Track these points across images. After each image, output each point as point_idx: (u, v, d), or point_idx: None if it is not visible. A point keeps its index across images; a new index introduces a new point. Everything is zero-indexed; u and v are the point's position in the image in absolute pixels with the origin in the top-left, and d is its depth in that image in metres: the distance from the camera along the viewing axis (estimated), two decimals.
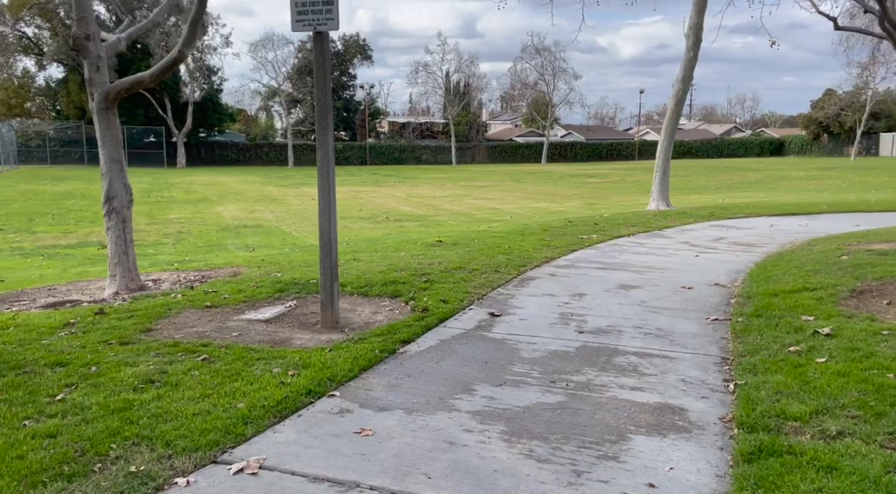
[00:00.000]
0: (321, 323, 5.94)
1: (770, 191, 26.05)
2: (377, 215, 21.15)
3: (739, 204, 17.23)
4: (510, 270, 8.13)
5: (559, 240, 10.55)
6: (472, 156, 65.66)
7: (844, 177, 34.51)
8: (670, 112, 15.93)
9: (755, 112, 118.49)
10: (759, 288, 6.67)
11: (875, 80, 58.80)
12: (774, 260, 8.35)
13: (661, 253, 9.49)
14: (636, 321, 5.90)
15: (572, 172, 45.85)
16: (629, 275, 7.88)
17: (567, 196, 28.20)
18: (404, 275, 7.71)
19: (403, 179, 40.76)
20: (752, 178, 36.29)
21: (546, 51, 64.98)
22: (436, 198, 28.24)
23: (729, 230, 11.77)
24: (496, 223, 17.16)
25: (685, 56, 15.38)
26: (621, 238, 10.95)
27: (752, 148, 75.44)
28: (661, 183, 15.99)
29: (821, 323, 5.26)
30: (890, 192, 22.61)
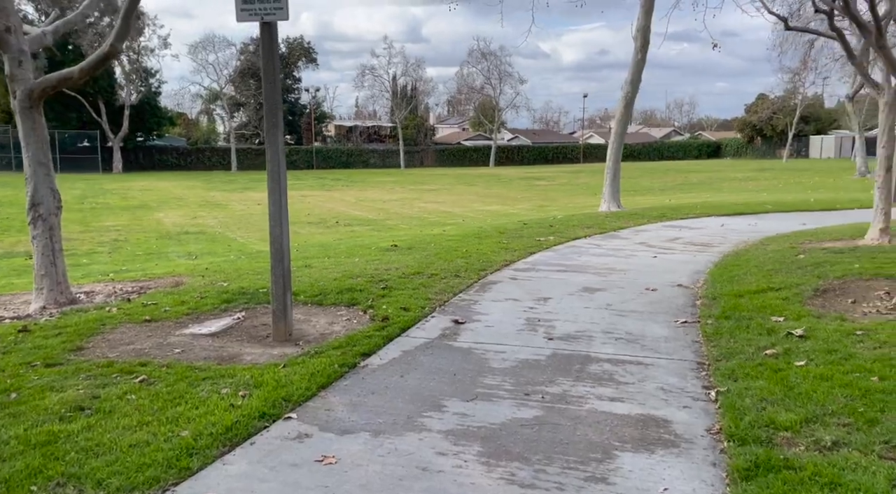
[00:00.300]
0: (273, 336, 5.52)
1: (714, 192, 26.66)
2: (327, 219, 20.59)
3: (688, 204, 17.48)
4: (470, 274, 7.85)
5: (517, 243, 10.35)
6: (420, 159, 65.37)
7: (780, 178, 35.73)
8: (619, 114, 16.00)
9: (692, 116, 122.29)
10: (723, 289, 6.58)
11: (805, 85, 61.42)
12: (732, 260, 8.34)
13: (619, 254, 9.39)
14: (605, 325, 5.70)
15: (521, 175, 46.10)
16: (591, 278, 7.71)
17: (517, 198, 28.20)
18: (361, 282, 7.33)
19: (352, 183, 40.15)
20: (694, 180, 37.19)
21: (492, 55, 65.36)
22: (386, 201, 27.81)
23: (682, 230, 11.82)
24: (450, 226, 16.89)
25: (633, 58, 15.48)
26: (578, 240, 10.83)
27: (691, 150, 77.67)
28: (611, 184, 16.04)
29: (792, 323, 5.16)
30: (824, 192, 23.41)
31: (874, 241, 8.20)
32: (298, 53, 64.04)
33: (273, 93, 5.45)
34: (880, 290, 5.94)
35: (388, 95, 65.91)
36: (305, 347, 5.20)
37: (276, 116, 5.49)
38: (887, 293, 5.77)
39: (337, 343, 5.21)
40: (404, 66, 65.75)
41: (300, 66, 64.93)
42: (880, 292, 5.85)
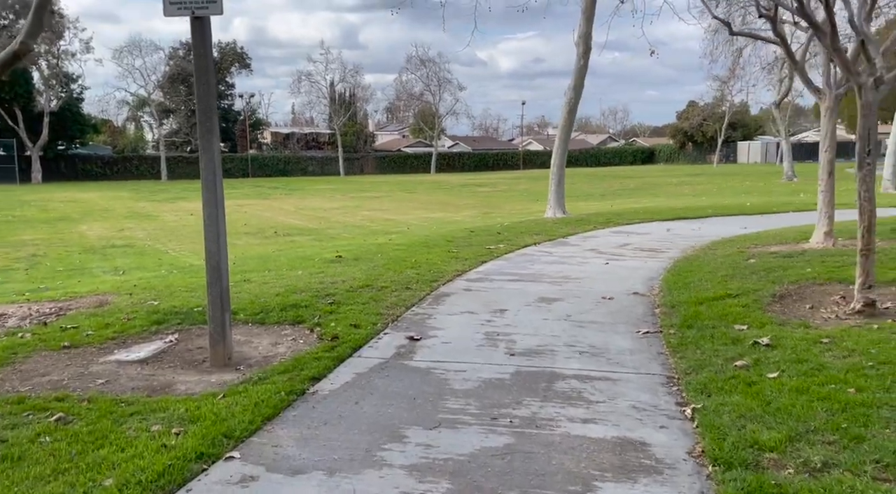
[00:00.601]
0: (211, 361, 5.04)
1: (653, 197, 27.20)
2: (265, 229, 19.85)
3: (631, 209, 17.66)
4: (422, 286, 7.51)
5: (467, 252, 10.08)
6: (360, 166, 64.62)
7: (713, 182, 36.90)
8: (563, 120, 16.02)
9: (626, 123, 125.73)
10: (681, 297, 6.47)
11: (732, 92, 64.02)
12: (684, 266, 8.30)
13: (571, 261, 9.24)
14: (566, 338, 5.46)
15: (462, 182, 46.10)
16: (547, 287, 7.49)
17: (461, 205, 28.04)
18: (306, 297, 6.88)
19: (291, 191, 39.18)
20: (631, 185, 37.99)
21: (430, 62, 65.30)
22: (327, 210, 27.16)
23: (630, 236, 11.82)
24: (395, 234, 16.51)
25: (576, 64, 15.53)
26: (528, 247, 10.65)
27: (626, 156, 79.68)
28: (556, 190, 16.02)
29: (756, 332, 5.05)
30: (757, 196, 24.20)
31: (819, 245, 8.32)
32: (231, 59, 62.34)
33: (207, 96, 4.99)
34: (835, 295, 5.93)
35: (326, 102, 64.95)
36: (247, 372, 4.75)
37: (210, 120, 5.02)
38: (843, 297, 5.76)
39: (282, 366, 4.78)
40: (342, 72, 64.96)
41: (233, 72, 63.24)
42: (836, 297, 5.84)
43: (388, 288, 7.41)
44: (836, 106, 8.26)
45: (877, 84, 4.96)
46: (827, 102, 8.32)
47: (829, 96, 8.30)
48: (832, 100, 8.25)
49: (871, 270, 5.24)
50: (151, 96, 57.18)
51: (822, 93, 8.36)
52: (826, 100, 8.32)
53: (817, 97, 8.42)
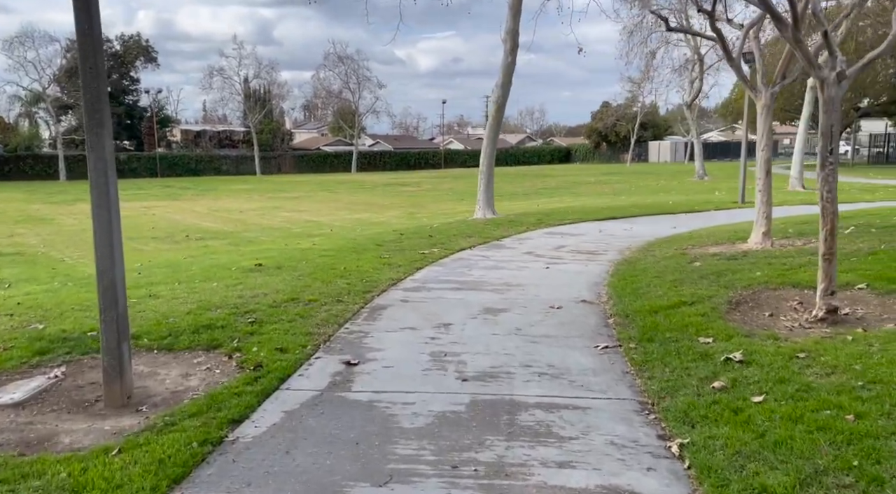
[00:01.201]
0: (106, 401, 4.20)
1: (575, 196, 27.40)
2: (175, 233, 18.47)
3: (560, 209, 17.51)
4: (355, 298, 6.82)
5: (399, 257, 9.43)
6: (277, 165, 62.49)
7: (629, 181, 37.77)
8: (492, 118, 15.63)
9: (542, 123, 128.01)
10: (633, 305, 6.09)
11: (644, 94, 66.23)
12: (627, 270, 7.98)
13: (510, 266, 8.77)
14: (521, 356, 4.94)
15: (385, 181, 45.29)
16: (490, 296, 6.97)
17: (385, 205, 27.31)
18: (222, 315, 6.06)
19: (203, 192, 37.21)
20: (552, 184, 38.36)
21: (349, 59, 63.91)
22: (243, 211, 25.79)
23: (565, 237, 11.52)
24: (318, 238, 15.63)
25: (504, 61, 15.16)
26: (464, 251, 10.12)
27: (544, 156, 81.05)
28: (486, 190, 15.62)
29: (723, 345, 4.69)
30: (675, 195, 24.76)
31: (758, 245, 8.24)
32: (136, 52, 58.84)
33: (95, 82, 4.13)
34: (791, 300, 5.71)
35: (240, 99, 62.39)
36: (151, 415, 3.95)
37: (100, 112, 4.17)
38: (800, 303, 5.53)
39: (195, 406, 4.00)
40: (256, 68, 62.52)
41: (138, 66, 59.74)
42: (792, 302, 5.61)
43: (317, 301, 6.68)
44: (772, 103, 8.19)
45: (839, 78, 4.73)
46: (763, 100, 8.23)
47: (764, 94, 8.21)
48: (768, 98, 8.18)
49: (834, 275, 5.01)
50: (47, 91, 53.07)
51: (758, 90, 8.27)
52: (762, 97, 8.23)
53: (753, 95, 8.33)
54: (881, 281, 5.87)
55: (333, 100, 69.19)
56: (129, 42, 58.64)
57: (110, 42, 58.68)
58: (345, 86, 65.26)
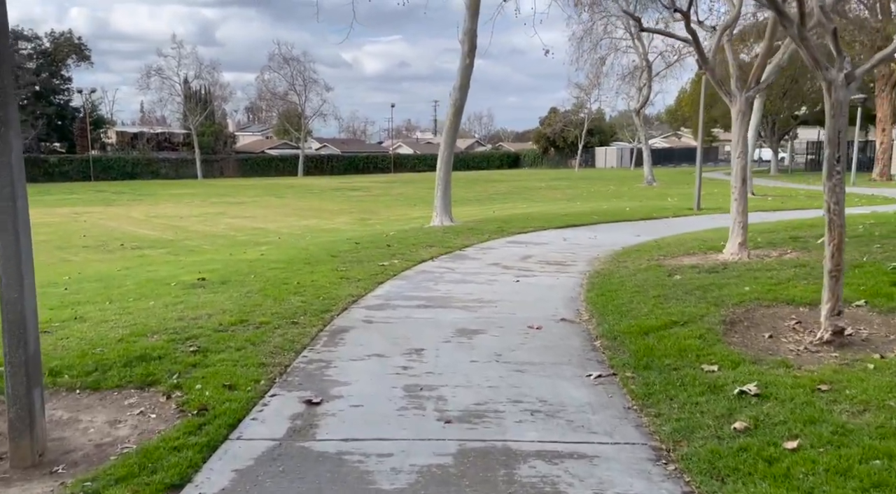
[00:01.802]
0: (11, 461, 3.43)
1: (530, 202, 27.16)
2: (109, 242, 17.26)
3: (518, 216, 17.11)
4: (313, 319, 6.13)
5: (357, 270, 8.76)
6: (220, 169, 60.50)
7: (580, 187, 37.93)
8: (449, 122, 15.10)
9: (491, 128, 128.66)
10: (619, 325, 5.61)
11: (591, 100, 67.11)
12: (603, 283, 7.54)
13: (478, 279, 8.22)
14: (507, 389, 4.37)
15: (334, 186, 44.26)
16: (462, 315, 6.39)
17: (335, 211, 26.45)
18: (160, 343, 5.29)
19: (140, 196, 35.47)
20: (504, 189, 38.17)
21: (294, 61, 62.50)
22: (183, 217, 24.53)
23: (529, 247, 11.05)
24: (266, 246, 14.77)
25: (461, 63, 14.66)
26: (426, 262, 9.52)
27: (493, 161, 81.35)
28: (443, 196, 15.07)
29: (731, 374, 4.24)
30: (629, 200, 24.79)
31: (734, 256, 7.93)
32: (67, 50, 56.00)
33: None
34: (788, 319, 5.34)
35: (180, 99, 60.14)
36: (68, 481, 3.21)
37: (5, 108, 3.41)
38: (798, 323, 5.17)
39: (124, 466, 3.28)
40: (197, 68, 60.39)
41: (70, 65, 56.86)
42: (790, 322, 5.24)
43: (270, 323, 5.96)
44: (748, 109, 7.92)
45: (847, 80, 4.38)
46: (738, 105, 7.95)
47: (739, 99, 7.94)
48: (743, 103, 7.90)
49: (840, 294, 4.65)
50: None
51: (733, 95, 7.98)
52: (737, 103, 7.95)
53: (728, 100, 8.05)
54: (880, 298, 5.58)
55: (279, 103, 67.58)
56: (60, 39, 55.80)
57: (39, 39, 55.71)
58: (290, 89, 63.84)
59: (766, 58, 7.72)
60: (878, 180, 33.96)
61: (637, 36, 35.95)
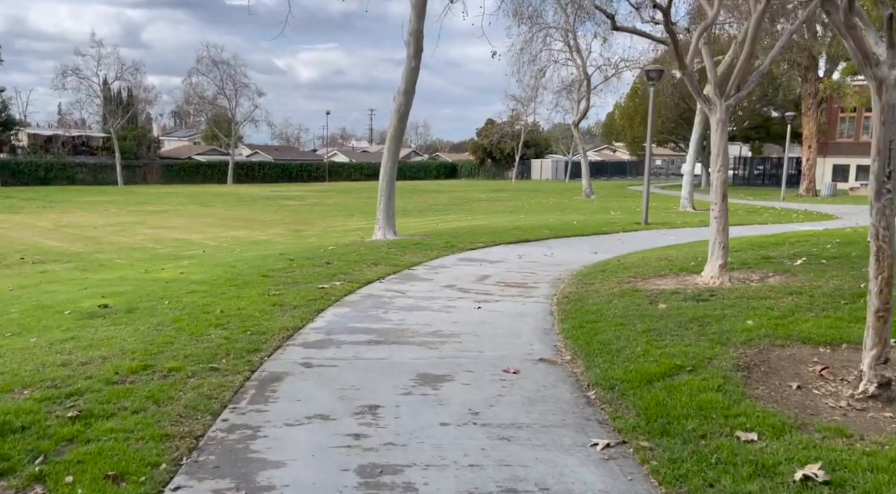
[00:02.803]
0: None
1: (471, 214, 26.36)
2: (8, 255, 15.31)
3: (464, 229, 16.16)
4: (237, 363, 4.93)
5: (293, 294, 7.56)
6: (143, 175, 57.16)
7: (519, 199, 37.53)
8: (393, 128, 14.03)
9: (427, 138, 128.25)
10: (613, 370, 4.69)
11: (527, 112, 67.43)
12: (575, 311, 6.64)
13: (434, 305, 7.18)
14: (495, 469, 3.35)
15: (265, 194, 42.30)
16: (421, 354, 5.33)
17: (267, 222, 24.88)
18: (28, 404, 3.99)
19: (50, 204, 32.72)
20: (444, 200, 37.35)
21: (224, 64, 59.87)
22: (97, 227, 22.47)
23: (484, 265, 10.09)
24: (188, 261, 13.28)
25: (406, 65, 13.65)
26: (372, 284, 8.40)
27: (431, 171, 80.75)
28: (386, 208, 13.96)
29: (779, 447, 3.36)
30: (573, 213, 24.32)
31: (715, 280, 7.21)
32: None
33: None
34: (811, 363, 4.55)
35: (100, 101, 56.51)
36: None
37: None
38: (825, 369, 4.38)
39: None
40: (118, 69, 56.86)
41: None
42: (816, 368, 4.44)
43: (182, 370, 4.74)
44: (727, 118, 7.23)
45: None
46: (717, 114, 7.26)
47: (719, 107, 7.25)
48: (723, 112, 7.21)
49: (888, 338, 3.87)
50: None
51: (712, 103, 7.29)
52: (716, 111, 7.26)
53: (707, 108, 7.35)
54: None
55: (207, 107, 64.62)
56: None
57: None
58: (220, 93, 61.09)
59: (747, 62, 7.06)
60: (805, 195, 35.04)
61: (575, 48, 36.00)
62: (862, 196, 34.76)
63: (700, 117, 23.36)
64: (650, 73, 17.05)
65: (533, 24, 34.90)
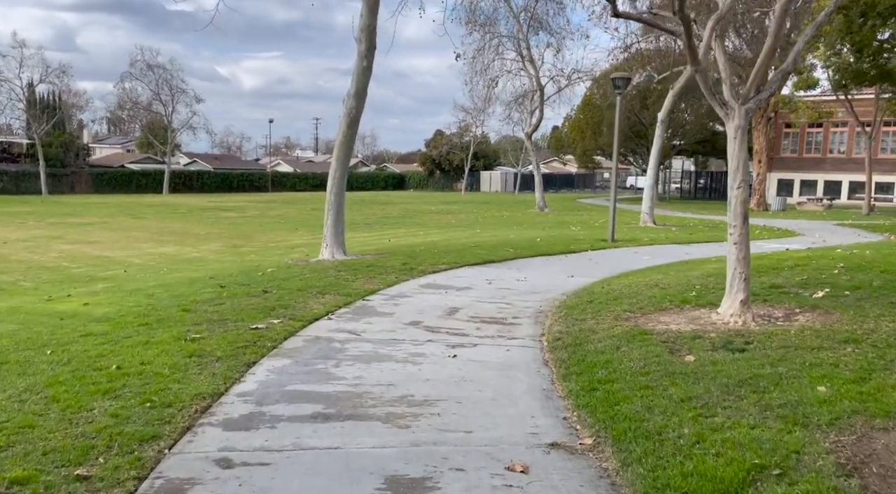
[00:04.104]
0: None
1: (425, 228, 24.94)
2: None
3: (418, 246, 14.71)
4: (120, 466, 3.36)
5: (217, 338, 5.96)
6: (71, 184, 53.53)
7: (473, 211, 36.36)
8: (342, 134, 12.51)
9: (374, 148, 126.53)
10: (665, 472, 3.33)
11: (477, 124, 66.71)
12: (578, 362, 5.29)
13: (398, 352, 5.72)
14: None
15: (203, 205, 39.81)
16: (387, 438, 3.87)
17: (203, 236, 22.86)
18: None
19: None
20: (395, 212, 35.87)
21: (160, 68, 56.81)
22: (7, 242, 20.07)
23: (450, 294, 8.68)
24: (102, 284, 11.43)
25: (357, 65, 12.19)
26: (319, 321, 6.87)
27: (378, 182, 79.29)
28: (335, 224, 12.40)
29: None
30: (532, 229, 23.21)
31: (737, 319, 6.00)
32: None
33: None
34: None
35: (23, 105, 52.66)
36: None
37: None
38: None
39: None
40: (43, 71, 53.11)
41: None
42: None
43: (29, 484, 3.14)
44: (746, 124, 6.09)
45: None
46: (735, 120, 6.09)
47: (737, 112, 6.08)
48: (742, 118, 6.05)
49: None
50: None
51: (730, 107, 6.13)
52: (734, 117, 6.09)
53: (723, 112, 6.19)
54: None
55: (142, 113, 61.31)
56: None
57: None
58: (155, 98, 57.93)
59: (769, 58, 5.94)
60: (756, 210, 35.06)
61: (528, 58, 35.23)
62: (810, 210, 35.02)
63: (661, 130, 22.66)
64: (617, 81, 16.09)
65: (486, 32, 34.01)
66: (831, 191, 43.51)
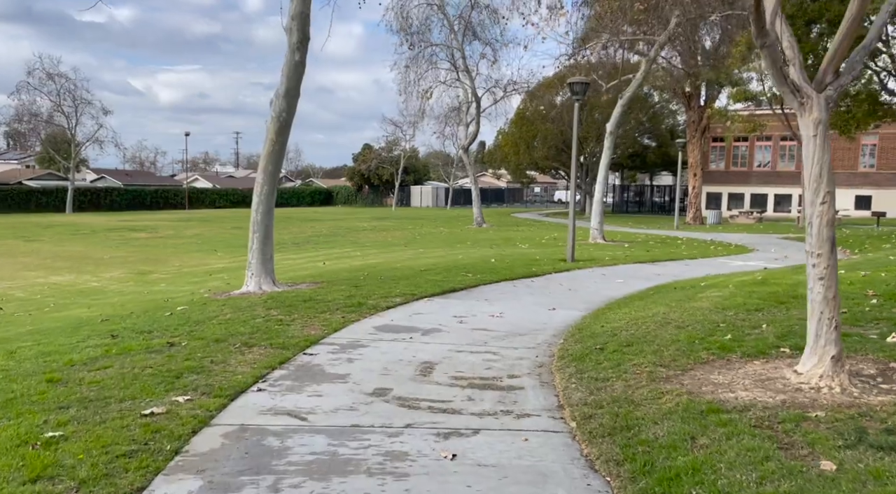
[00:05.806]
0: None
1: (362, 248, 22.86)
2: None
3: (360, 270, 12.69)
4: None
5: (86, 437, 3.84)
6: None
7: (408, 228, 34.51)
8: (271, 143, 10.42)
9: (299, 163, 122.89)
10: None
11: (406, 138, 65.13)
12: (645, 471, 3.54)
13: (367, 453, 3.79)
14: None
15: (110, 225, 36.11)
16: None
17: (105, 261, 19.96)
18: None
19: None
20: (325, 230, 33.51)
21: (62, 77, 52.18)
22: None
23: (416, 340, 6.78)
24: None
25: (288, 59, 10.19)
26: (246, 395, 4.83)
27: (305, 197, 76.62)
28: (262, 249, 10.25)
29: None
30: (479, 247, 21.59)
31: (829, 383, 4.35)
32: None
33: None
34: None
35: None
36: None
37: None
38: None
39: None
40: None
41: None
42: None
43: None
44: (828, 118, 4.56)
45: None
46: (813, 112, 4.52)
47: (815, 102, 4.53)
48: (822, 109, 4.51)
49: None
50: None
51: (805, 95, 4.58)
52: (811, 107, 4.53)
53: (795, 101, 4.62)
54: None
55: (42, 126, 56.17)
56: None
57: None
58: (56, 110, 53.11)
59: (853, 30, 4.46)
60: (693, 224, 34.87)
61: (463, 68, 33.91)
62: (743, 223, 35.13)
63: (609, 141, 21.59)
64: (574, 86, 14.71)
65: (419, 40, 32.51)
66: (758, 204, 44.29)
